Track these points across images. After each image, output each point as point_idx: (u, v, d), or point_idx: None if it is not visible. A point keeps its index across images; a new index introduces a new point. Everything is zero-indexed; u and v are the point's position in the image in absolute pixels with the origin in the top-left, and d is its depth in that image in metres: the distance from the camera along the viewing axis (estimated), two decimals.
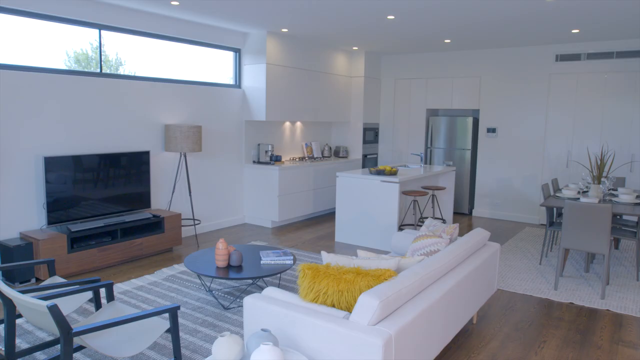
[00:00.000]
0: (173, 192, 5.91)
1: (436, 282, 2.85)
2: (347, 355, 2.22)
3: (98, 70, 5.24)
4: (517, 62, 7.57)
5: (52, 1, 4.69)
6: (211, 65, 6.58)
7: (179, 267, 4.98)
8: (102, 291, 4.07)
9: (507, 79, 7.68)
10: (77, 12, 4.92)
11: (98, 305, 3.02)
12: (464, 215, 8.14)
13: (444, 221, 6.98)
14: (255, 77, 6.82)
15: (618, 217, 5.66)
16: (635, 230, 4.98)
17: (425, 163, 8.51)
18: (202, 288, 4.40)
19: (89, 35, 5.13)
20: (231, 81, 6.91)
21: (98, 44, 5.21)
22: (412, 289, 2.55)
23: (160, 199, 5.95)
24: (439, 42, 7.30)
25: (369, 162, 8.76)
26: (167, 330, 2.63)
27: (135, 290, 4.33)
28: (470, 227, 7.24)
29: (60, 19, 4.83)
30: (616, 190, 5.82)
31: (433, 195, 6.64)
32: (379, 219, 5.82)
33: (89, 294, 3.02)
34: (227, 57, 6.81)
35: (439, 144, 8.33)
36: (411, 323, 2.37)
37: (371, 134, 8.75)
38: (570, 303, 4.30)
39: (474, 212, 8.14)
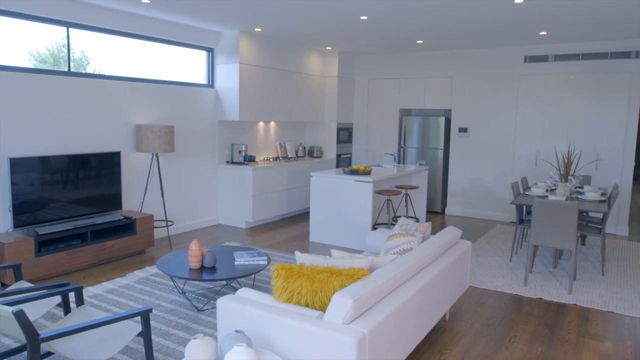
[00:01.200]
0: (145, 193, 5.82)
1: (409, 280, 2.89)
2: (321, 354, 2.23)
3: (66, 69, 5.12)
4: (488, 63, 7.71)
5: None
6: (184, 65, 6.51)
7: (151, 270, 4.91)
8: (72, 295, 3.98)
9: (478, 80, 7.82)
10: (44, 9, 4.80)
11: (67, 310, 2.95)
12: (437, 214, 8.24)
13: (417, 220, 7.06)
14: (228, 77, 6.77)
15: (584, 214, 5.82)
16: (600, 227, 5.14)
17: (399, 162, 8.59)
18: (175, 290, 4.35)
19: (57, 33, 5.00)
20: (204, 81, 6.85)
21: (66, 42, 5.09)
22: (386, 288, 2.57)
23: (132, 200, 5.85)
24: (411, 43, 7.38)
25: (343, 162, 8.80)
26: (139, 334, 2.59)
27: (106, 293, 4.25)
28: (443, 226, 7.35)
29: (27, 16, 4.70)
30: (582, 188, 5.98)
31: (406, 195, 6.71)
32: (353, 218, 5.85)
33: (57, 299, 2.95)
34: (199, 57, 6.74)
35: (412, 144, 8.42)
36: (385, 321, 2.40)
37: (345, 134, 8.79)
38: (540, 298, 4.40)
39: (447, 211, 8.26)
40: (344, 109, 8.71)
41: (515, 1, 4.76)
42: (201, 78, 6.81)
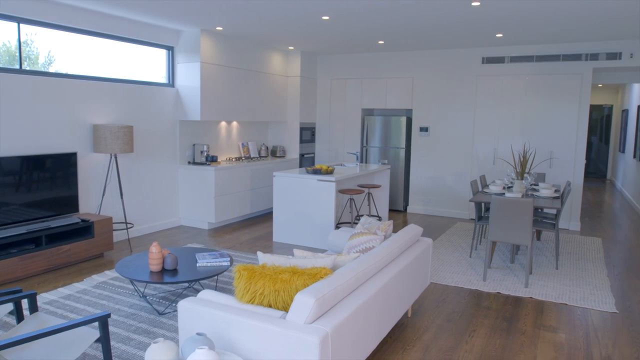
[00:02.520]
0: (103, 195, 5.66)
1: (371, 278, 2.92)
2: (285, 354, 2.23)
3: (18, 67, 4.93)
4: (447, 63, 7.88)
5: None
6: (143, 64, 6.36)
7: (110, 274, 4.78)
8: (25, 303, 3.83)
9: (438, 80, 7.98)
10: None
11: (20, 318, 2.84)
12: (399, 212, 8.37)
13: (379, 218, 7.14)
14: (189, 76, 6.67)
15: (539, 210, 6.03)
16: (554, 222, 5.33)
17: (361, 162, 8.67)
18: (136, 294, 4.25)
19: (7, 30, 4.80)
20: (164, 80, 6.72)
21: (17, 39, 4.89)
22: (348, 286, 2.59)
23: (90, 203, 5.68)
24: (373, 43, 7.46)
25: (306, 162, 8.81)
26: (97, 340, 2.52)
27: (62, 299, 4.11)
28: (405, 224, 7.46)
29: None
30: (537, 185, 6.19)
31: (369, 193, 6.78)
32: (316, 217, 5.87)
33: (9, 306, 2.84)
34: (159, 56, 6.61)
35: (375, 143, 8.51)
36: (347, 319, 2.42)
37: (308, 134, 8.80)
38: (498, 293, 4.53)
39: (409, 209, 8.40)
40: (307, 109, 8.73)
41: (473, 4, 4.89)
42: (161, 77, 6.68)
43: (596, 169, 14.72)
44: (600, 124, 14.60)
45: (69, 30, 5.37)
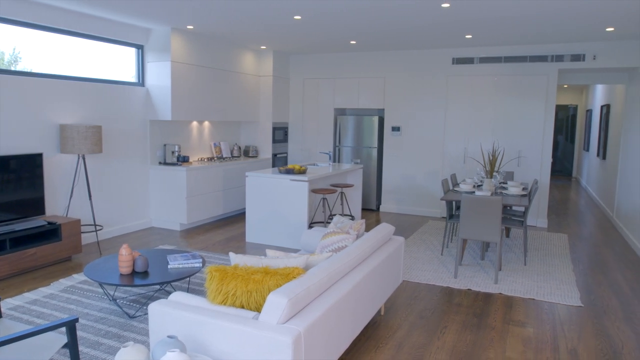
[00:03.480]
0: (71, 196, 5.53)
1: (344, 277, 2.94)
2: (258, 355, 2.22)
3: None
4: (419, 64, 7.97)
5: None
6: (112, 62, 6.24)
7: (78, 277, 4.68)
8: None
9: (409, 80, 8.07)
10: None
11: None
12: (372, 211, 8.43)
13: (352, 218, 7.18)
14: (159, 75, 6.57)
15: (508, 208, 6.16)
16: (522, 220, 5.46)
17: (334, 161, 8.69)
18: (105, 298, 4.17)
19: None
20: (134, 79, 6.60)
21: None
22: (321, 286, 2.60)
23: (57, 205, 5.54)
24: (345, 43, 7.49)
25: (279, 161, 8.79)
26: (65, 346, 2.47)
27: (28, 304, 4.00)
28: (377, 223, 7.52)
29: None
30: (506, 183, 6.33)
31: (342, 193, 6.81)
32: (289, 217, 5.86)
33: None
34: (129, 54, 6.49)
35: (347, 143, 8.55)
36: (320, 319, 2.42)
37: (281, 133, 8.78)
38: (469, 289, 4.61)
39: (382, 208, 8.46)
40: (280, 109, 8.71)
41: (443, 5, 4.96)
42: (131, 76, 6.56)
43: (562, 167, 15.13)
44: (566, 124, 15.01)
45: (35, 28, 5.22)
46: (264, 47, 8.06)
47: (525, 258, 5.43)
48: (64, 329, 3.42)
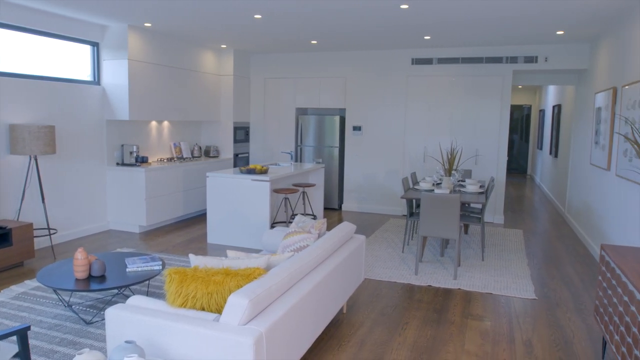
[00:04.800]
0: (22, 199, 5.32)
1: (306, 276, 2.94)
2: (219, 357, 2.20)
3: None
4: (379, 64, 8.07)
5: None
6: (65, 60, 6.03)
7: (31, 283, 4.50)
8: None
9: (370, 80, 8.15)
10: None
11: None
12: (334, 210, 8.47)
13: (314, 217, 7.20)
14: (116, 74, 6.40)
15: (466, 205, 6.32)
16: (480, 216, 5.61)
17: (296, 161, 8.69)
18: (60, 304, 4.03)
19: None
20: (89, 77, 6.40)
21: None
22: (282, 285, 2.60)
23: (7, 208, 5.32)
24: (306, 43, 7.50)
25: (241, 161, 8.72)
26: (16, 355, 2.37)
27: None
28: (340, 221, 7.56)
29: None
30: (464, 181, 6.49)
31: (304, 192, 6.82)
32: (251, 218, 5.83)
33: None
34: (83, 51, 6.28)
35: (309, 142, 8.56)
36: (282, 319, 2.42)
37: (242, 133, 8.71)
38: (429, 285, 4.71)
39: (344, 207, 8.52)
40: (241, 108, 8.64)
41: (402, 6, 5.04)
42: (86, 74, 6.36)
43: (517, 165, 15.63)
44: (521, 123, 15.51)
45: None
46: (225, 46, 7.98)
47: (483, 254, 5.59)
48: (14, 337, 3.29)
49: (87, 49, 6.34)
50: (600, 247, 3.23)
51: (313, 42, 7.35)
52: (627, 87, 4.86)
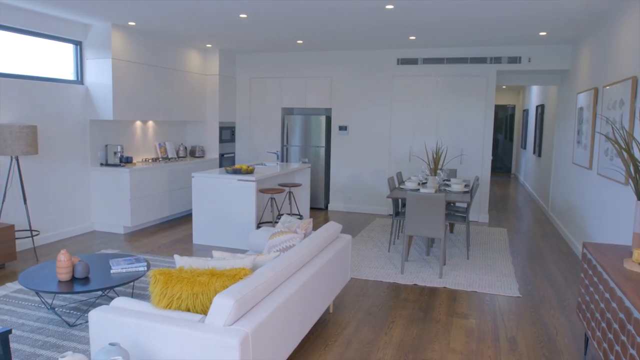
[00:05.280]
0: (3, 200, 5.23)
1: (292, 276, 2.94)
2: (205, 358, 2.19)
3: None
4: (365, 64, 8.09)
5: None
6: (48, 59, 5.94)
7: (13, 286, 4.43)
8: None
9: (356, 80, 8.17)
10: None
11: None
12: (320, 210, 8.48)
13: (300, 217, 7.20)
14: (100, 73, 6.33)
15: (452, 204, 6.37)
16: (465, 215, 5.66)
17: (282, 161, 8.68)
18: (43, 306, 3.98)
19: None
20: (72, 77, 6.32)
21: None
22: (268, 286, 2.59)
23: None
24: (292, 43, 7.49)
25: (226, 161, 8.68)
26: None
27: None
28: (326, 221, 7.57)
29: None
30: (449, 180, 6.54)
31: (290, 192, 6.81)
32: (237, 218, 5.81)
33: None
34: (66, 51, 6.20)
35: (295, 142, 8.56)
36: (268, 319, 2.42)
37: (228, 133, 8.68)
38: (415, 284, 4.73)
39: (330, 207, 8.53)
40: (226, 108, 8.60)
41: (387, 7, 5.06)
42: (69, 74, 6.28)
43: (502, 164, 15.79)
44: (505, 123, 15.68)
45: None
46: (210, 46, 7.93)
47: (468, 252, 5.64)
48: None
49: (69, 48, 6.26)
50: (582, 245, 3.28)
51: (299, 41, 7.34)
52: (608, 87, 4.94)
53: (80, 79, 6.38)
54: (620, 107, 4.44)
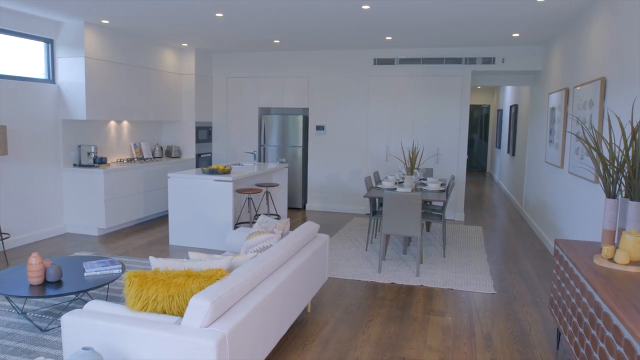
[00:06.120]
0: None
1: (269, 277, 2.93)
2: None
3: None
4: (342, 64, 8.11)
5: None
6: (17, 57, 5.79)
7: None
8: None
9: (333, 80, 8.19)
10: None
11: None
12: (298, 210, 8.47)
13: (278, 217, 7.18)
14: (72, 72, 6.20)
15: (428, 203, 6.44)
16: (441, 214, 5.72)
17: (259, 161, 8.65)
18: (13, 311, 3.88)
19: None
20: (43, 75, 6.18)
21: None
22: (245, 286, 2.58)
23: None
24: (268, 43, 7.46)
25: (203, 162, 8.61)
26: None
27: None
28: (304, 221, 7.57)
29: None
30: (426, 179, 6.61)
31: (267, 192, 6.79)
32: (214, 218, 5.76)
33: None
34: (37, 49, 6.06)
35: (272, 142, 8.53)
36: (245, 320, 2.41)
37: (204, 133, 8.60)
38: (392, 283, 4.77)
39: (308, 207, 8.53)
40: (203, 108, 8.52)
41: (363, 7, 5.08)
42: (40, 72, 6.13)
43: (477, 163, 16.03)
44: (480, 123, 15.92)
45: None
46: (186, 45, 7.85)
47: (444, 250, 5.71)
48: None
49: (40, 46, 6.12)
50: (554, 241, 3.35)
51: (276, 41, 7.32)
52: (578, 88, 5.06)
53: (51, 77, 6.24)
54: (590, 107, 4.55)
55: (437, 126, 7.77)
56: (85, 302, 4.04)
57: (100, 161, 6.57)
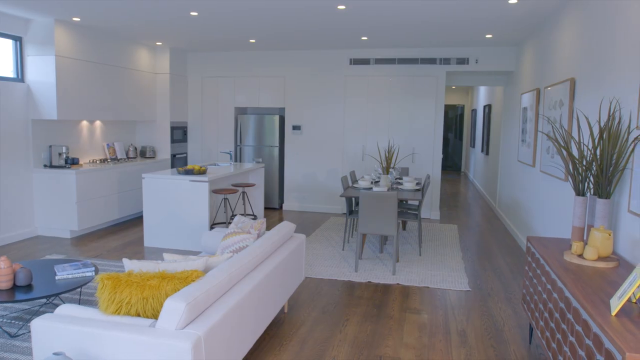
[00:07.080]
0: None
1: (245, 277, 2.92)
2: None
3: None
4: (318, 64, 8.12)
5: None
6: None
7: None
8: None
9: (309, 80, 8.19)
10: None
11: None
12: (275, 210, 8.45)
13: (254, 217, 7.15)
14: (42, 70, 6.06)
15: (404, 202, 6.50)
16: (417, 213, 5.78)
17: (235, 161, 8.60)
18: None
19: None
20: (11, 74, 6.02)
21: None
22: (221, 287, 2.56)
23: None
24: (244, 42, 7.42)
25: (179, 162, 8.51)
26: None
27: None
28: (280, 221, 7.54)
29: None
30: (402, 179, 6.66)
31: (244, 192, 6.75)
32: (190, 219, 5.70)
33: None
34: (4, 46, 5.89)
35: (248, 142, 8.49)
36: (221, 321, 2.39)
37: (179, 133, 8.51)
38: (369, 282, 4.80)
39: (284, 206, 8.52)
40: (178, 107, 8.43)
41: (339, 7, 5.10)
42: (8, 71, 5.97)
43: (452, 162, 16.24)
44: (455, 122, 16.13)
45: None
46: (160, 44, 7.75)
47: (420, 249, 5.77)
48: None
49: (8, 44, 5.96)
50: (526, 239, 3.42)
51: (251, 40, 7.29)
52: (549, 88, 5.17)
53: (20, 76, 6.09)
54: (560, 107, 4.66)
55: (412, 126, 7.85)
56: (57, 306, 3.95)
57: (72, 162, 6.43)
